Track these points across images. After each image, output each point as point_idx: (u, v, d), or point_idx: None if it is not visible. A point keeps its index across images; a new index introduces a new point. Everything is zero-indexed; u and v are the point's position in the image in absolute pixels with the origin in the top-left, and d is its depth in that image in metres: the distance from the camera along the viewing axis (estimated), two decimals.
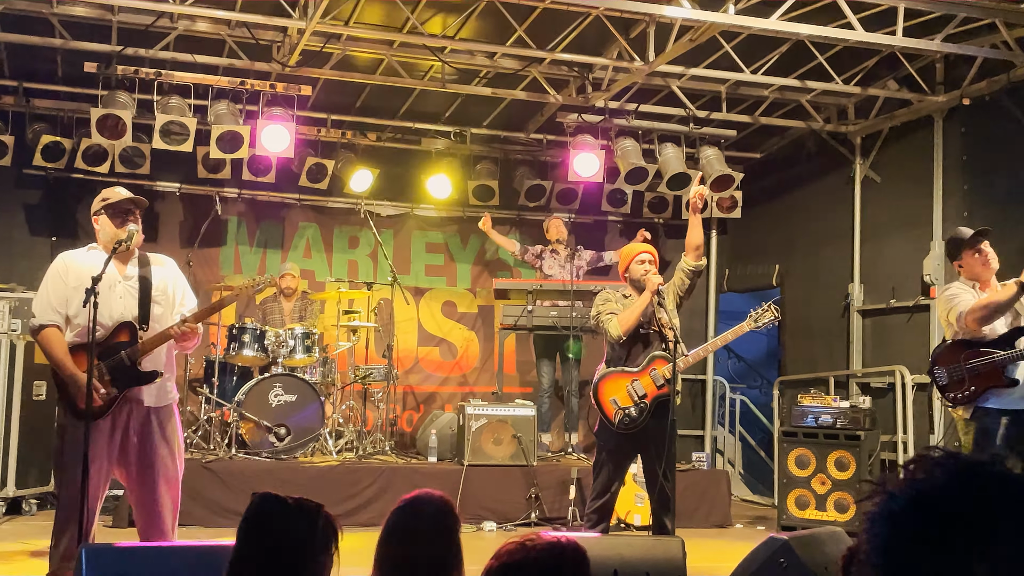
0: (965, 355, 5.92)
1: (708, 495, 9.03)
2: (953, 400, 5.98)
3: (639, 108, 10.15)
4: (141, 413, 4.99)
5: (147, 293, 5.09)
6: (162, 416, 5.06)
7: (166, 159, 9.83)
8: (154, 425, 5.01)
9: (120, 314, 4.99)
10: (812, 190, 10.89)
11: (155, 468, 4.97)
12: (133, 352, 4.94)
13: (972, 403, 5.89)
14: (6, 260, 9.78)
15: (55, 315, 4.93)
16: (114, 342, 4.95)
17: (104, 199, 5.13)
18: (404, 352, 10.88)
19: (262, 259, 10.88)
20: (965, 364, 5.89)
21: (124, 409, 4.95)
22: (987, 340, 5.90)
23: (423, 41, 8.65)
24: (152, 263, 5.20)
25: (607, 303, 6.23)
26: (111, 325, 4.95)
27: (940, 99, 9.03)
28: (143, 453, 4.97)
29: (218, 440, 8.60)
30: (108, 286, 4.94)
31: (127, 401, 4.96)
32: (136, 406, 4.98)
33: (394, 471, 8.48)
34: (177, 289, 5.26)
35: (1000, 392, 5.83)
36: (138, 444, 4.97)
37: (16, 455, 7.99)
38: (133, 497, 5.08)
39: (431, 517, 2.88)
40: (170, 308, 5.17)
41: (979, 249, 6.01)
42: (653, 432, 6.05)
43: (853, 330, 10.07)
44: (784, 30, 7.87)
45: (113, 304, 4.97)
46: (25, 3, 8.06)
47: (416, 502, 2.92)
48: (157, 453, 4.99)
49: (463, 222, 11.43)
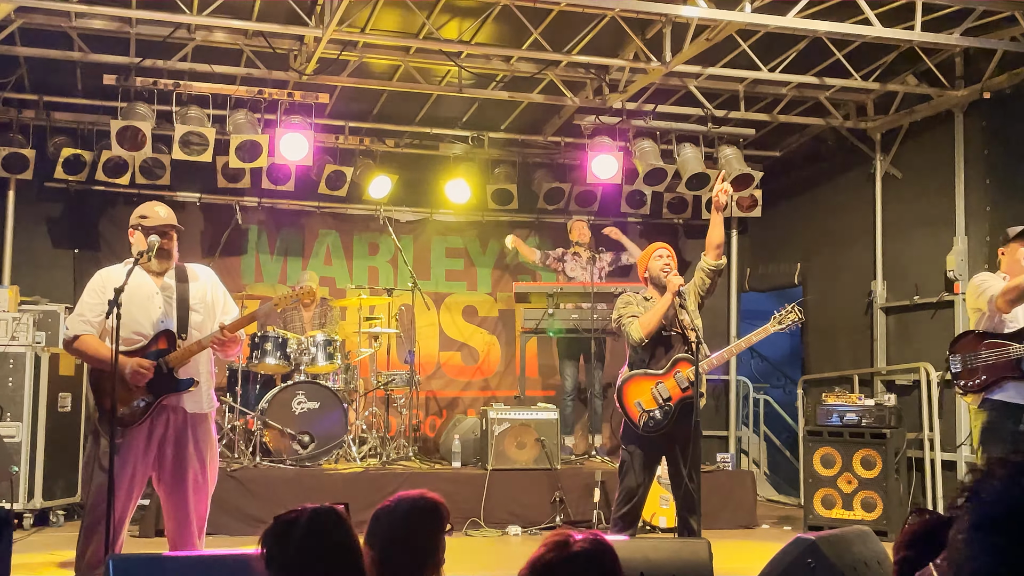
0: (983, 345, 6.00)
1: (734, 496, 8.99)
2: (964, 388, 6.07)
3: (657, 109, 10.13)
4: (179, 420, 5.01)
5: (185, 302, 5.12)
6: (199, 425, 5.08)
7: (186, 169, 9.88)
8: (190, 434, 5.03)
9: (160, 322, 5.04)
10: (833, 187, 10.83)
11: (187, 478, 4.99)
12: (169, 359, 4.97)
13: (981, 393, 5.95)
14: (30, 273, 9.85)
15: (87, 326, 4.97)
16: (152, 349, 5.00)
17: (141, 215, 5.14)
18: (426, 357, 10.90)
19: (283, 267, 10.92)
20: (981, 354, 5.96)
21: (162, 417, 4.97)
22: (1007, 332, 5.96)
23: (439, 46, 8.66)
24: (189, 274, 5.24)
25: (628, 306, 6.20)
26: (150, 334, 5.01)
27: (960, 93, 8.97)
28: (177, 463, 4.99)
29: (242, 448, 8.63)
30: (147, 296, 5.02)
31: (165, 409, 4.98)
32: (173, 413, 5.00)
33: (418, 477, 8.47)
34: (217, 298, 5.29)
35: (1012, 385, 5.87)
36: (173, 453, 4.99)
37: (43, 467, 8.05)
38: (164, 504, 5.10)
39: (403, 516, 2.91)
40: (210, 316, 5.20)
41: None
42: (678, 434, 6.02)
43: (877, 327, 10.00)
44: (801, 27, 7.83)
45: (152, 313, 5.03)
46: (44, 18, 8.12)
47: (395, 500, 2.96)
48: (190, 463, 5.01)
49: (482, 226, 11.43)
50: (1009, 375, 5.87)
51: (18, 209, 10.02)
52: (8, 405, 7.94)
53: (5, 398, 7.95)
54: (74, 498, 8.33)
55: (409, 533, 2.92)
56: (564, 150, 11.16)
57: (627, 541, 5.03)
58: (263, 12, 8.10)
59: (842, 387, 9.61)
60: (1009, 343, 5.90)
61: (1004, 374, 5.88)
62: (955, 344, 6.19)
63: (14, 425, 7.95)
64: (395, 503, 2.96)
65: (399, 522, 2.92)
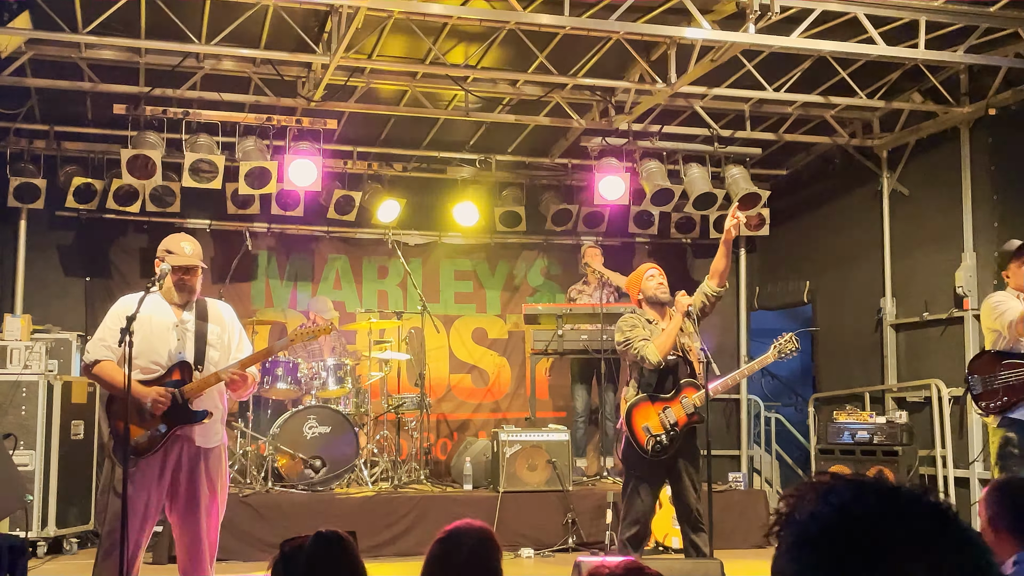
0: (1002, 366, 5.97)
1: (746, 515, 8.96)
2: (985, 409, 6.06)
3: (663, 129, 10.16)
4: (191, 452, 5.06)
5: (203, 337, 5.18)
6: (211, 457, 5.13)
7: (196, 196, 9.95)
8: (202, 465, 5.08)
9: (178, 354, 5.09)
10: (840, 205, 10.85)
11: (199, 508, 5.03)
12: (185, 390, 5.01)
13: (1002, 413, 5.94)
14: (42, 302, 9.91)
15: (107, 351, 5.02)
16: (168, 380, 5.04)
17: (167, 249, 5.17)
18: (436, 380, 10.91)
19: (293, 292, 10.96)
20: (1001, 374, 5.94)
21: (175, 447, 5.02)
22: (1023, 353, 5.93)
23: (446, 71, 8.73)
24: (210, 310, 5.29)
25: (635, 328, 6.19)
26: (167, 364, 5.06)
27: (966, 110, 8.99)
28: (190, 492, 5.04)
29: (254, 474, 8.64)
30: (166, 328, 5.08)
31: (178, 439, 5.02)
32: (187, 444, 5.05)
33: (430, 500, 8.48)
34: (233, 335, 5.34)
35: None
36: (186, 483, 5.03)
37: (56, 495, 8.07)
38: (176, 533, 5.13)
39: (470, 548, 2.89)
40: (226, 353, 5.26)
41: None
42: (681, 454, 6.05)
43: (887, 345, 9.99)
44: (805, 47, 7.88)
45: (170, 344, 5.08)
46: (55, 49, 8.21)
47: (455, 533, 2.93)
48: (202, 493, 5.05)
49: (491, 249, 11.47)
50: None
51: (30, 238, 10.08)
52: (21, 433, 7.97)
53: (18, 426, 7.98)
54: (87, 526, 8.35)
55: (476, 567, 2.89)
56: (571, 172, 11.20)
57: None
58: (271, 40, 8.17)
59: (853, 405, 9.60)
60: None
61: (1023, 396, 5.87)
62: (973, 364, 6.18)
63: (27, 453, 7.98)
64: (454, 535, 2.93)
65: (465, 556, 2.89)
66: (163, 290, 5.16)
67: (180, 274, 5.13)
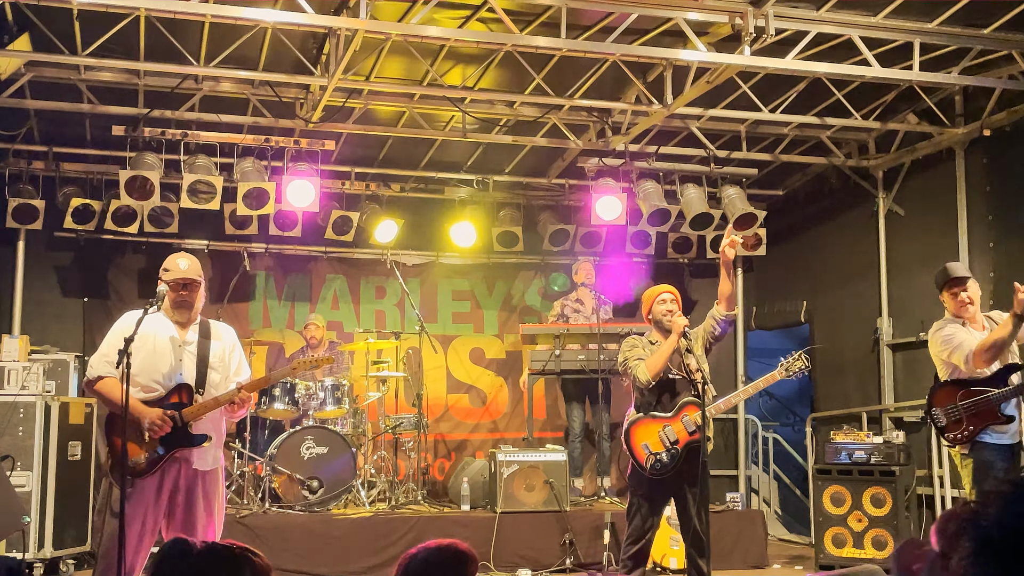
0: (960, 395, 6.02)
1: (744, 535, 8.95)
2: (952, 440, 6.06)
3: (659, 150, 10.21)
4: (189, 474, 5.07)
5: (205, 359, 5.20)
6: (208, 479, 5.14)
7: (194, 217, 9.98)
8: (200, 488, 5.09)
9: (178, 375, 5.11)
10: (836, 225, 10.88)
11: (196, 530, 5.02)
12: (185, 413, 5.03)
13: (971, 442, 5.97)
14: (39, 322, 9.92)
15: (110, 368, 5.01)
16: (169, 402, 5.06)
17: (164, 268, 5.24)
18: (434, 400, 10.91)
19: (290, 312, 10.97)
20: (961, 404, 5.98)
21: (173, 468, 5.03)
22: (980, 379, 6.00)
23: (443, 92, 8.77)
24: (213, 332, 5.32)
25: (634, 348, 6.23)
26: (170, 385, 5.08)
27: (960, 131, 9.03)
28: (187, 515, 5.04)
29: (251, 494, 8.63)
30: (168, 348, 5.11)
31: (176, 461, 5.03)
32: (185, 466, 5.06)
33: (428, 520, 8.47)
34: (233, 358, 5.38)
35: (997, 429, 5.93)
36: (183, 504, 5.04)
37: (53, 516, 8.04)
38: None
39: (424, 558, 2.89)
40: (227, 375, 5.29)
41: (955, 293, 6.17)
42: (685, 475, 6.04)
43: (884, 364, 10.00)
44: (800, 69, 7.92)
45: (172, 365, 5.11)
46: (54, 71, 8.24)
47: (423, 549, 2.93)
48: (199, 515, 5.06)
49: (488, 269, 11.49)
50: (994, 422, 5.92)
51: (28, 259, 10.11)
52: (18, 454, 7.96)
53: (15, 447, 7.97)
54: (84, 547, 8.32)
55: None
56: (568, 192, 11.23)
57: None
58: (269, 62, 8.21)
59: (851, 424, 9.59)
60: (987, 389, 5.95)
61: (988, 422, 5.93)
62: (933, 396, 6.17)
63: (24, 474, 7.96)
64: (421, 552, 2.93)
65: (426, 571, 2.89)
66: (166, 309, 5.20)
67: (178, 290, 5.16)
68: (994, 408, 5.90)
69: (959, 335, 6.04)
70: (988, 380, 5.97)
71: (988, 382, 5.96)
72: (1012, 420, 5.89)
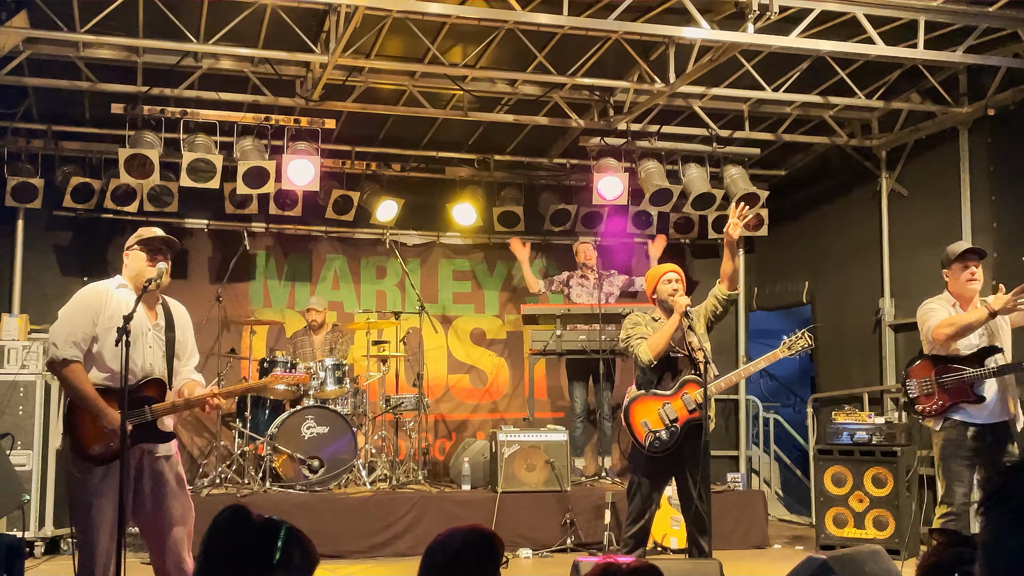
0: (937, 370, 6.10)
1: (745, 516, 8.96)
2: (921, 413, 6.15)
3: (661, 130, 10.16)
4: (150, 458, 4.90)
5: (171, 345, 5.04)
6: (172, 461, 5.00)
7: (194, 196, 9.94)
8: (164, 468, 4.93)
9: (149, 365, 4.92)
10: (839, 205, 10.84)
11: (170, 509, 4.89)
12: (155, 410, 4.87)
13: (941, 416, 6.04)
14: (39, 301, 9.89)
15: (77, 351, 4.79)
16: (142, 395, 4.86)
17: (139, 235, 5.10)
18: (434, 380, 10.90)
19: (291, 292, 10.95)
20: (936, 379, 6.07)
21: (135, 453, 4.82)
22: (960, 356, 6.07)
23: (444, 71, 8.72)
24: (174, 313, 5.14)
25: (636, 327, 6.22)
26: (140, 375, 4.87)
27: (964, 110, 8.98)
28: (156, 497, 4.88)
29: (252, 474, 8.63)
30: (140, 332, 4.88)
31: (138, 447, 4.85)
32: (148, 453, 4.90)
33: (428, 500, 8.47)
34: (189, 341, 5.22)
35: (968, 407, 6.00)
36: (151, 488, 4.88)
37: (53, 495, 8.05)
38: (147, 536, 4.95)
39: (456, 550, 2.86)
40: (184, 362, 5.15)
41: (967, 266, 6.20)
42: (686, 454, 6.03)
43: (885, 345, 9.99)
44: (804, 47, 7.87)
45: (145, 353, 4.91)
46: (52, 48, 8.20)
47: (450, 535, 2.90)
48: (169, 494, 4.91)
49: (489, 249, 11.46)
50: (965, 399, 6.00)
51: (27, 238, 10.08)
52: (18, 433, 7.96)
53: (15, 426, 7.96)
54: None
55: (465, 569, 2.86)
56: (570, 172, 11.19)
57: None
58: (269, 39, 8.15)
59: (852, 405, 9.59)
60: (963, 367, 6.02)
61: (960, 399, 6.01)
62: (909, 368, 6.28)
63: (24, 453, 7.97)
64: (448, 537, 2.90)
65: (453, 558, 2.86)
66: (130, 279, 4.99)
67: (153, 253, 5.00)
68: (967, 387, 5.98)
69: (940, 311, 6.13)
70: (966, 359, 6.04)
71: (966, 361, 6.04)
72: (983, 401, 5.97)
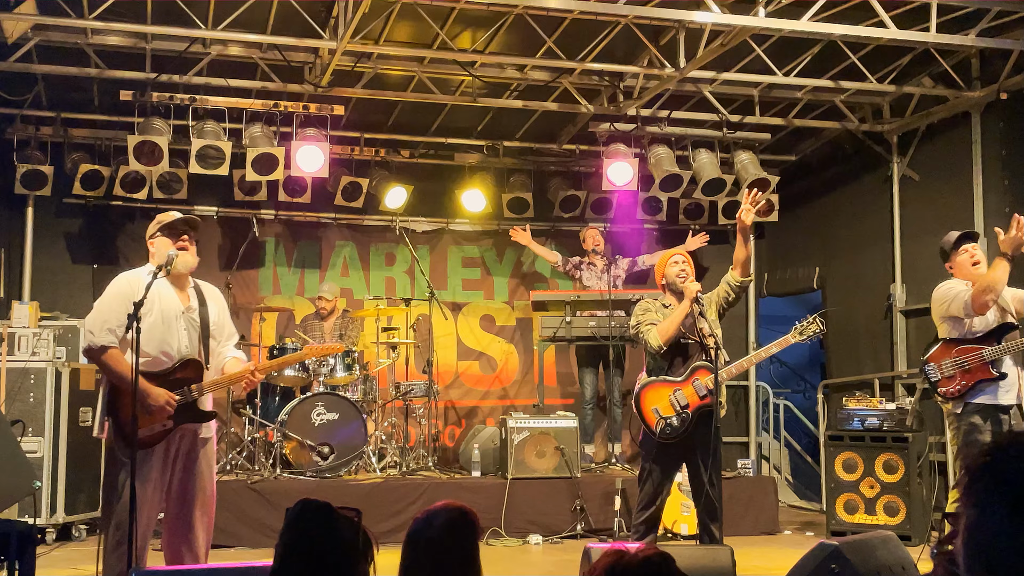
0: (955, 351, 6.13)
1: (755, 502, 8.94)
2: (944, 395, 6.16)
3: (671, 115, 10.11)
4: (191, 442, 5.04)
5: (206, 327, 5.14)
6: (208, 445, 5.13)
7: (203, 183, 9.94)
8: (199, 452, 5.06)
9: (186, 348, 5.02)
10: (850, 191, 10.79)
11: (195, 493, 5.01)
12: (197, 389, 4.98)
13: (962, 398, 6.06)
14: (49, 289, 9.92)
15: (113, 337, 4.88)
16: (179, 376, 4.97)
17: (159, 221, 5.14)
18: (444, 367, 10.90)
19: (300, 279, 10.95)
20: (955, 360, 6.09)
21: (176, 437, 4.98)
22: (976, 336, 6.10)
23: (453, 56, 8.68)
24: (206, 294, 5.23)
25: (647, 313, 6.19)
26: (176, 357, 4.99)
27: (977, 94, 8.92)
28: (185, 479, 5.01)
29: (263, 460, 8.64)
30: (174, 316, 5.00)
31: (182, 430, 5.00)
32: (190, 435, 5.03)
33: (438, 486, 8.48)
34: (226, 321, 5.32)
35: (989, 386, 6.02)
36: (183, 470, 5.02)
37: (65, 481, 8.08)
38: (169, 518, 5.05)
39: (441, 526, 2.89)
40: (221, 341, 5.25)
41: (965, 250, 6.26)
42: (698, 440, 6.01)
43: (896, 331, 9.95)
44: (816, 31, 7.81)
45: (180, 336, 5.01)
46: (61, 35, 8.19)
47: (430, 513, 2.94)
48: (199, 478, 5.04)
49: (498, 235, 11.43)
50: (985, 377, 6.02)
51: (37, 225, 10.10)
52: (29, 420, 7.98)
53: (26, 413, 7.98)
54: (96, 512, 8.33)
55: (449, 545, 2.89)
56: (579, 158, 11.15)
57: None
58: (278, 26, 8.13)
59: (863, 391, 9.55)
60: (980, 346, 6.05)
61: (980, 377, 6.03)
62: (927, 353, 6.29)
63: (36, 440, 7.99)
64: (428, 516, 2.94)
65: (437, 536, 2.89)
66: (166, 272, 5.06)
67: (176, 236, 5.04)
68: (986, 365, 6.00)
69: (957, 287, 6.16)
70: (982, 338, 6.07)
71: (983, 340, 6.06)
72: (1004, 377, 5.99)
